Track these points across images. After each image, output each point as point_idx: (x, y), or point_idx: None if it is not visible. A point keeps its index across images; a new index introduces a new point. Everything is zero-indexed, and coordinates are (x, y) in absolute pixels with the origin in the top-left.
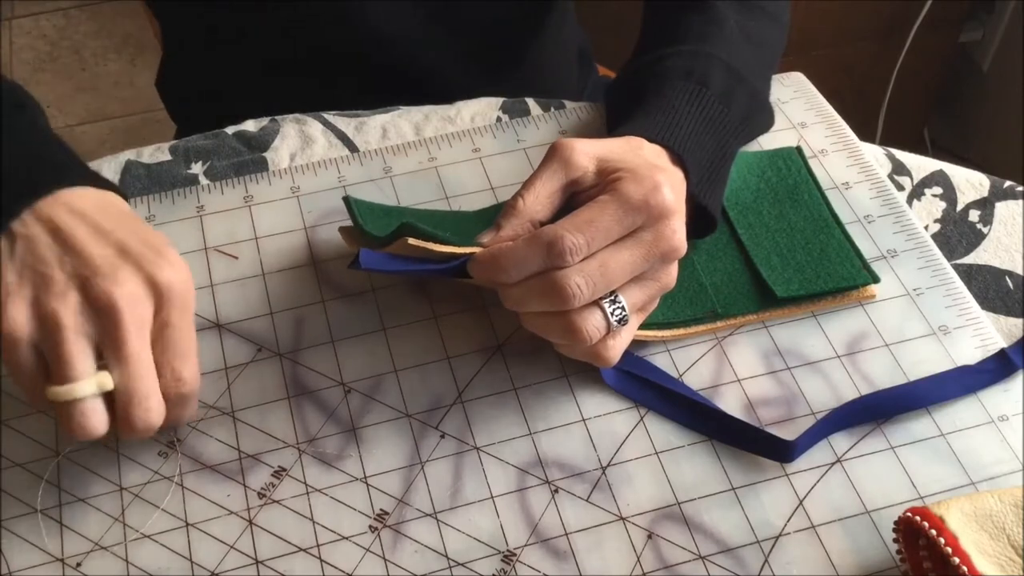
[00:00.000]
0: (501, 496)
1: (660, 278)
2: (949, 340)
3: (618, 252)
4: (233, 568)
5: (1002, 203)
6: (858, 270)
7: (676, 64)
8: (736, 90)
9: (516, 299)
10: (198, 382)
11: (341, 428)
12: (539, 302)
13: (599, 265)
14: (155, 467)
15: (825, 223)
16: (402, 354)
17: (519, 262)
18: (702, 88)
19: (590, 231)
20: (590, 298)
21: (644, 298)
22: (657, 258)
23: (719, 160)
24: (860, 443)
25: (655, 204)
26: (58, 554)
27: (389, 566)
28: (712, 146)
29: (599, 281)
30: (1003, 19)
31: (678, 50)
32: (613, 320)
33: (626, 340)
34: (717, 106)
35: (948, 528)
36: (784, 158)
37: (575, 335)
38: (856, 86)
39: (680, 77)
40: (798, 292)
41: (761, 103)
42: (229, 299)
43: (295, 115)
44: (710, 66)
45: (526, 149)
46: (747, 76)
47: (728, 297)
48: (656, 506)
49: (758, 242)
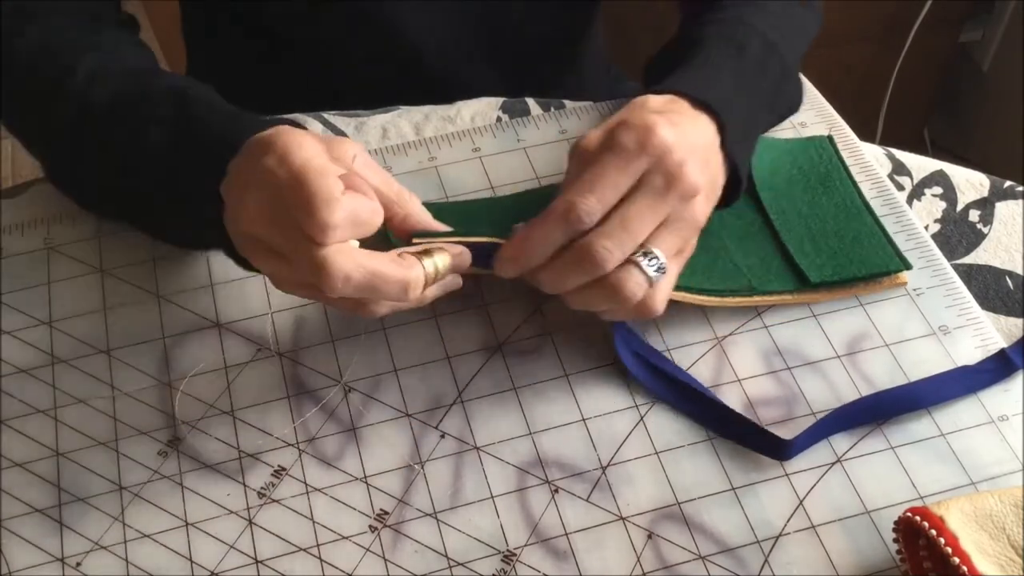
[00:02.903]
0: (501, 496)
1: (685, 216)
2: (949, 340)
3: (634, 204)
4: (233, 568)
5: (1002, 203)
6: (891, 257)
7: (714, 31)
8: (770, 61)
9: (552, 281)
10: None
11: (341, 428)
12: (575, 275)
13: (620, 222)
14: (155, 467)
15: (857, 210)
16: (402, 354)
17: (541, 242)
18: (740, 52)
19: (597, 188)
20: (621, 257)
21: (677, 241)
22: (675, 198)
23: (751, 125)
24: (860, 443)
25: (652, 144)
26: (58, 554)
27: (389, 566)
28: (745, 108)
29: (625, 237)
30: (1003, 19)
31: (718, 18)
32: (651, 272)
33: (668, 288)
34: (752, 71)
35: (948, 528)
36: (816, 146)
37: (619, 297)
38: (856, 86)
39: (718, 41)
40: (831, 277)
41: (791, 81)
42: (229, 299)
43: (295, 115)
44: (749, 34)
45: (526, 149)
46: (782, 50)
47: (762, 277)
48: (656, 506)
49: (790, 227)
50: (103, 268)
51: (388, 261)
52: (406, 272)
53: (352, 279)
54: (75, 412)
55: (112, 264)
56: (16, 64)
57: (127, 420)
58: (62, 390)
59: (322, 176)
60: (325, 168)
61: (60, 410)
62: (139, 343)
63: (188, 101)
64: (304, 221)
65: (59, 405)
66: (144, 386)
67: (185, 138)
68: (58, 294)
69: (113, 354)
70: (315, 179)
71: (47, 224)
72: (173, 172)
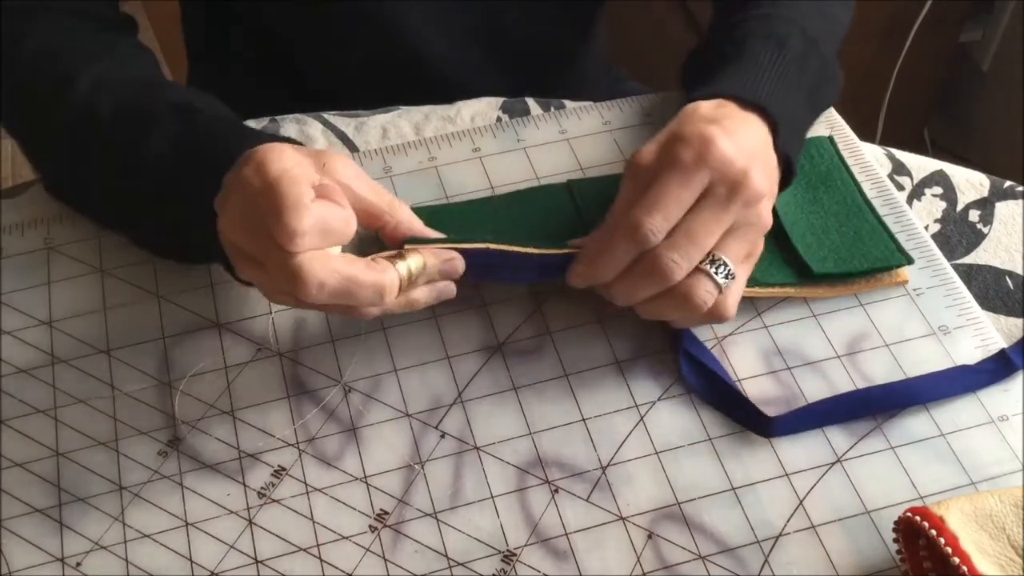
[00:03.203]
0: (501, 496)
1: (752, 221)
2: (949, 340)
3: (699, 214)
4: (233, 568)
5: (1002, 203)
6: (892, 252)
7: (754, 27)
8: (810, 55)
9: (624, 294)
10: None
11: (341, 428)
12: (645, 288)
13: (685, 233)
14: (155, 467)
15: (858, 207)
16: (402, 354)
17: (611, 261)
18: (781, 49)
19: (662, 206)
20: (689, 267)
21: (745, 245)
22: (740, 205)
23: (799, 121)
24: (860, 443)
25: (712, 156)
26: (58, 554)
27: (389, 566)
28: (791, 105)
29: (692, 248)
30: (1003, 19)
31: (754, 15)
32: (720, 279)
33: (738, 293)
34: (794, 69)
35: (948, 528)
36: (816, 146)
37: (689, 306)
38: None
39: (759, 39)
40: (833, 269)
41: (829, 75)
42: (229, 299)
43: (295, 115)
44: (789, 29)
45: (526, 149)
46: (820, 45)
47: (765, 269)
48: (656, 506)
49: (793, 221)
50: (103, 268)
51: (362, 266)
52: (379, 276)
53: (327, 285)
54: (75, 412)
55: (112, 264)
56: (17, 67)
57: (127, 420)
58: (62, 390)
59: (293, 184)
60: (298, 177)
61: (60, 410)
62: (139, 343)
63: (192, 117)
64: (273, 227)
65: (59, 405)
66: (144, 386)
67: (187, 157)
68: (58, 294)
69: (113, 354)
70: (286, 187)
71: (47, 224)
72: (174, 188)
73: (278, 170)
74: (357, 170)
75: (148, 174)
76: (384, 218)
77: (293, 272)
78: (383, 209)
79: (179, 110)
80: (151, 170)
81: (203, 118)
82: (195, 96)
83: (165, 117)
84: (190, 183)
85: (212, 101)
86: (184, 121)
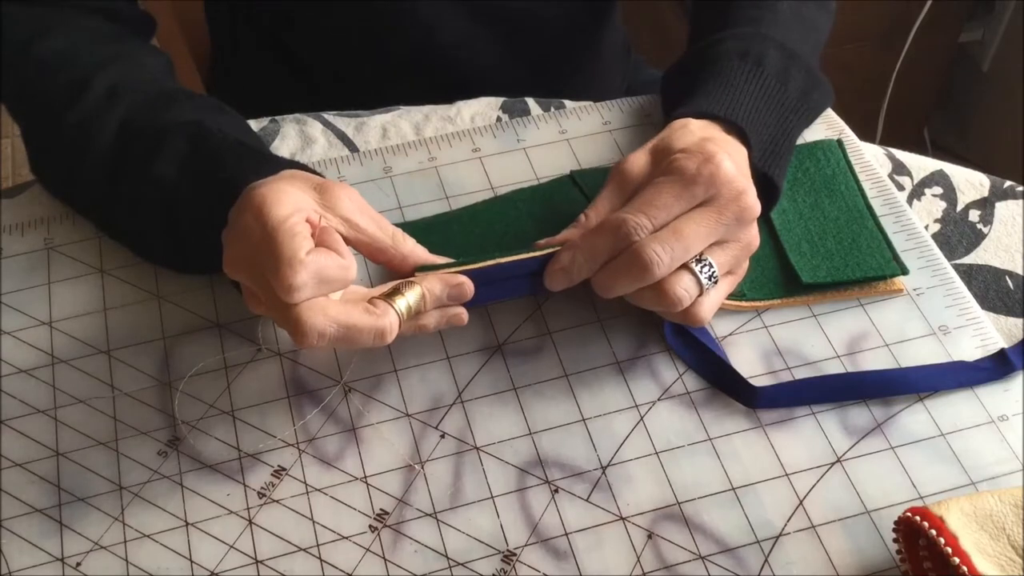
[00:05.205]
0: (501, 496)
1: (740, 238)
2: (949, 340)
3: (689, 218)
4: (233, 568)
5: (1002, 203)
6: (887, 261)
7: (731, 46)
8: (791, 68)
9: (603, 285)
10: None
11: (341, 428)
12: (625, 281)
13: (672, 231)
14: (155, 467)
15: (859, 214)
16: (402, 354)
17: (590, 253)
18: (758, 67)
19: (651, 210)
20: (671, 264)
21: (729, 260)
22: (731, 220)
23: (781, 135)
24: (860, 443)
25: (712, 175)
26: (58, 554)
27: (389, 566)
28: (773, 122)
29: (675, 245)
30: (1003, 19)
31: (732, 33)
32: (703, 279)
33: (717, 301)
34: (774, 84)
35: (948, 528)
36: (824, 149)
37: (667, 300)
38: (856, 86)
39: (736, 58)
40: (824, 279)
41: (816, 80)
42: (229, 298)
43: (295, 115)
44: (765, 46)
45: (526, 149)
46: (801, 54)
47: (755, 281)
48: (656, 506)
49: (789, 228)
50: (103, 268)
51: (360, 312)
52: (377, 321)
53: (326, 335)
54: (75, 412)
55: (112, 264)
56: (37, 62)
57: (127, 420)
58: (62, 390)
59: (291, 237)
60: (295, 228)
61: (60, 410)
62: (139, 343)
63: (201, 137)
64: (271, 279)
65: (59, 405)
66: (144, 386)
67: (192, 180)
68: (58, 294)
69: (113, 354)
70: (283, 240)
71: (47, 224)
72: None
73: (276, 220)
74: (360, 203)
75: (153, 194)
76: (389, 252)
77: (292, 323)
78: (387, 244)
79: (188, 129)
80: (156, 191)
81: (212, 140)
82: (206, 111)
83: (173, 137)
84: (194, 208)
85: (222, 116)
86: (192, 142)
